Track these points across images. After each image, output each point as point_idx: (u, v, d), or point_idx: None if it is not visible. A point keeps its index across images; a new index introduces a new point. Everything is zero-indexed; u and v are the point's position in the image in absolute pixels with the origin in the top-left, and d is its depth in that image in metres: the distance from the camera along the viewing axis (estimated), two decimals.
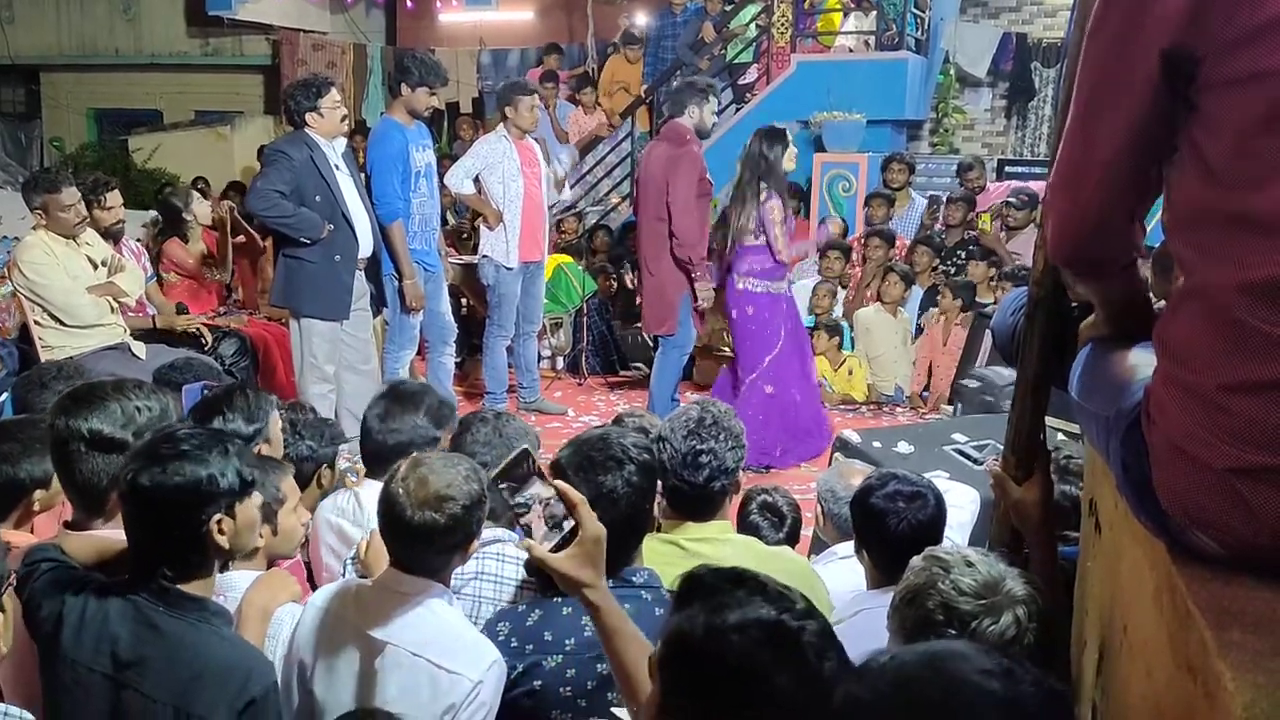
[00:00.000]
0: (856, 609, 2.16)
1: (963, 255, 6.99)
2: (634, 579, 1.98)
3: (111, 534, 1.97)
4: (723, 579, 1.33)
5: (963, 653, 1.00)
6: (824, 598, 2.33)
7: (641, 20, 10.43)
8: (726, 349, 6.36)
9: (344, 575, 2.40)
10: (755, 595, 1.29)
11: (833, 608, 2.31)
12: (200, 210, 5.99)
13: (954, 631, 1.53)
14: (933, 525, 2.20)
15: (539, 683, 1.95)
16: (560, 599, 2.02)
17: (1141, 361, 1.34)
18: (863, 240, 7.29)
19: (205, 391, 2.82)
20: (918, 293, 6.87)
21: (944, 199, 7.54)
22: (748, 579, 1.32)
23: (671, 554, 2.28)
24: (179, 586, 1.79)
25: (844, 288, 7.15)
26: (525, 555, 2.36)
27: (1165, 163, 1.22)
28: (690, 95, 5.45)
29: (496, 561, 2.35)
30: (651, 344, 6.27)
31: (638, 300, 6.35)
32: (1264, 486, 1.09)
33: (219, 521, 1.79)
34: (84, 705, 1.73)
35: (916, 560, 1.68)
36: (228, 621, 1.88)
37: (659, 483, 2.13)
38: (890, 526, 2.17)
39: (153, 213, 6.95)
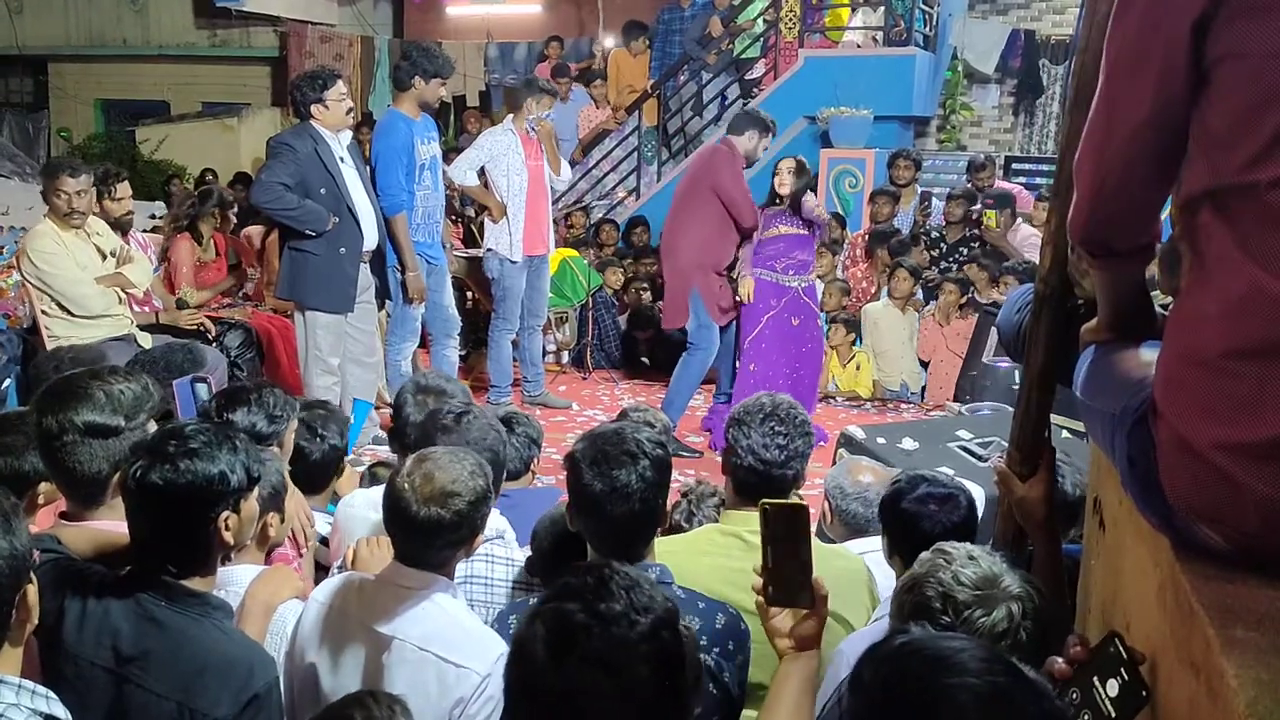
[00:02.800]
0: (883, 613, 2.14)
1: (964, 252, 6.96)
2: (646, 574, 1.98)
3: (109, 527, 1.96)
4: (592, 569, 1.35)
5: (964, 663, 1.03)
6: (874, 594, 2.34)
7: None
8: None
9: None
10: (588, 590, 1.30)
11: (879, 601, 2.29)
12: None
13: (948, 619, 1.54)
14: (965, 527, 2.17)
15: None
16: None
17: (1148, 359, 1.34)
18: (865, 238, 7.27)
19: (195, 385, 2.78)
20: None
21: (945, 195, 7.51)
22: (614, 574, 1.33)
23: (732, 546, 2.27)
24: (182, 582, 1.78)
25: (824, 282, 7.04)
26: (514, 558, 2.37)
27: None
28: (753, 123, 5.52)
29: (486, 564, 2.35)
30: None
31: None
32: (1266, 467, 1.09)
33: (226, 518, 1.79)
34: (86, 699, 1.71)
35: (925, 554, 1.69)
36: (229, 615, 1.87)
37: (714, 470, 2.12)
38: (924, 530, 2.13)
39: (160, 203, 6.93)
